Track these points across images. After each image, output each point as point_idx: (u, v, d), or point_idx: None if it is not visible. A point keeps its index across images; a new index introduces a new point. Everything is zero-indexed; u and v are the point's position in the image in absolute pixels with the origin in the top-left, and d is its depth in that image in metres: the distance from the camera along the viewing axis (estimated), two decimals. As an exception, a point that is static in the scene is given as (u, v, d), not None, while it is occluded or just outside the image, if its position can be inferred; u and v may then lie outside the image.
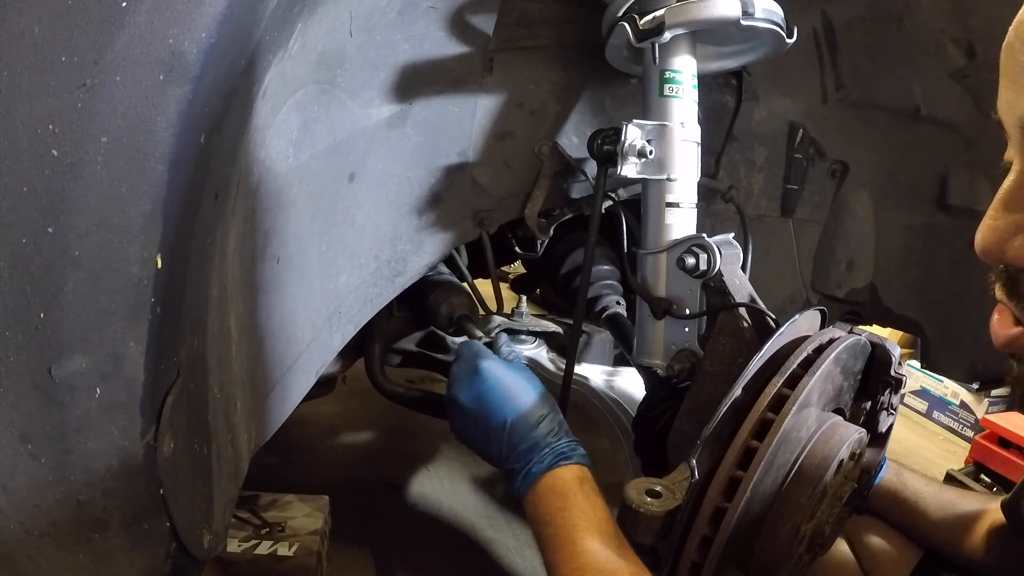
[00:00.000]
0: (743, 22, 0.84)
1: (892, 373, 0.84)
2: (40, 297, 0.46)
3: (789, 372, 0.71)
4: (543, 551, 0.74)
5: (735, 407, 0.70)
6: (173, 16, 0.45)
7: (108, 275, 0.47)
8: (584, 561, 0.68)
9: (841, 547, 1.02)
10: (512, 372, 0.90)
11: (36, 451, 0.49)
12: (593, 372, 1.41)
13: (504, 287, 1.68)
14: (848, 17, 1.17)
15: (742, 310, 0.85)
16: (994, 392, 2.47)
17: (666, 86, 0.90)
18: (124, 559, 0.55)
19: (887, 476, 0.98)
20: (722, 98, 1.28)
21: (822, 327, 0.85)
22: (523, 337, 1.48)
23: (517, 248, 1.24)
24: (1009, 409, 2.46)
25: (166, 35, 0.45)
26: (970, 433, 2.51)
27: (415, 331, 1.41)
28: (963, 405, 2.59)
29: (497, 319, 1.42)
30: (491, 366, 0.90)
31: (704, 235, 0.89)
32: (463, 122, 1.03)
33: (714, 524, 0.66)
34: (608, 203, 1.12)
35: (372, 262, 0.99)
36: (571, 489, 0.76)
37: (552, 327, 1.48)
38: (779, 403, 0.68)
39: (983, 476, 2.14)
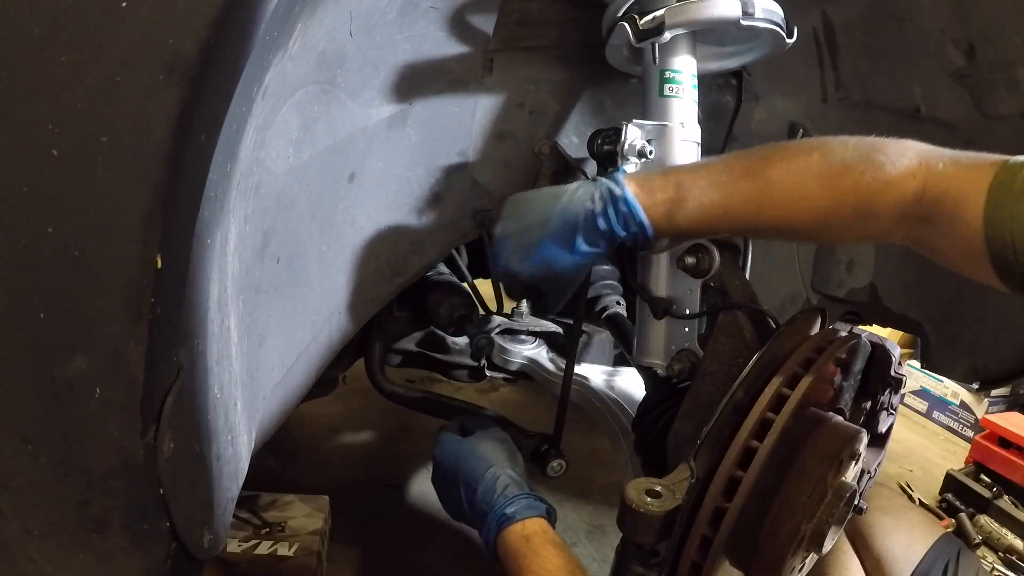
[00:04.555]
0: (743, 22, 0.84)
1: (892, 373, 0.84)
2: (40, 297, 0.46)
3: (789, 372, 0.71)
4: None
5: (735, 407, 0.69)
6: (173, 16, 0.45)
7: (108, 275, 0.47)
8: None
9: (843, 547, 1.02)
10: (455, 452, 0.95)
11: (36, 451, 0.49)
12: (593, 372, 1.41)
13: (504, 287, 1.68)
14: (848, 17, 1.17)
15: (742, 310, 0.85)
16: (994, 392, 2.47)
17: (666, 86, 0.90)
18: (124, 559, 0.55)
19: None
20: (722, 98, 1.28)
21: (822, 327, 0.85)
22: (523, 337, 1.48)
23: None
24: (1009, 409, 2.46)
25: (166, 35, 0.45)
26: (970, 433, 2.51)
27: (415, 331, 1.41)
28: (963, 405, 2.59)
29: (497, 319, 1.42)
30: (438, 454, 0.98)
31: (704, 235, 0.89)
32: (463, 122, 1.03)
33: (714, 524, 0.66)
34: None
35: (372, 262, 0.99)
36: (519, 551, 0.79)
37: (552, 327, 1.48)
38: (779, 403, 0.68)
39: (983, 476, 2.14)
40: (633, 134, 0.88)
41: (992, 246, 0.62)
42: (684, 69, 0.91)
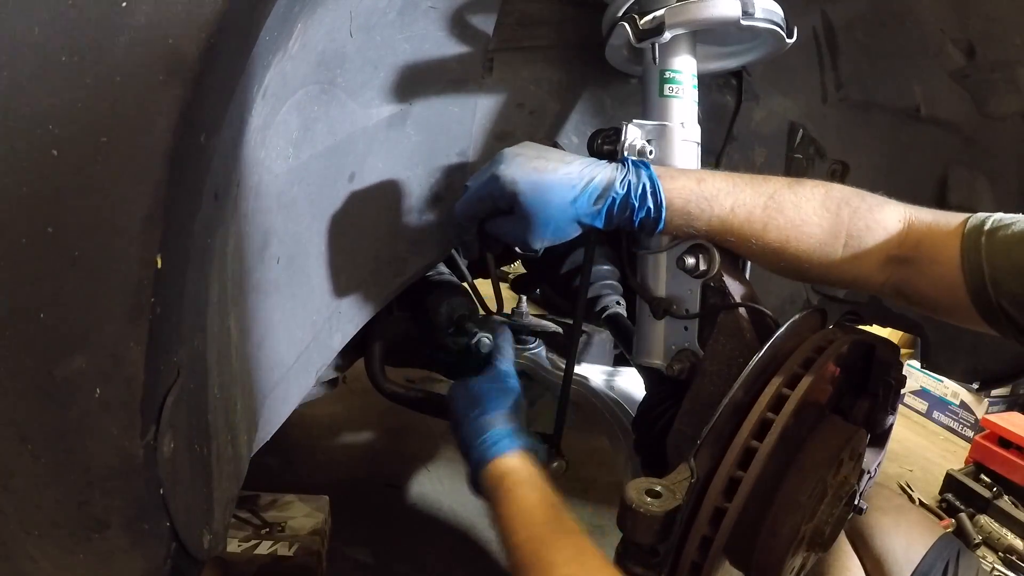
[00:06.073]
0: (743, 22, 0.84)
1: (892, 373, 0.84)
2: (40, 297, 0.46)
3: (789, 372, 0.71)
4: None
5: (735, 407, 0.70)
6: (173, 16, 0.45)
7: (108, 275, 0.47)
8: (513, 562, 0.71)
9: (843, 547, 1.02)
10: (464, 387, 0.92)
11: (36, 451, 0.49)
12: (593, 372, 1.41)
13: (504, 287, 1.69)
14: (848, 17, 1.17)
15: (742, 310, 0.85)
16: (994, 392, 2.47)
17: (666, 86, 0.90)
18: (124, 559, 0.55)
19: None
20: (722, 98, 1.28)
21: (822, 327, 0.85)
22: (523, 337, 1.48)
23: (517, 248, 1.24)
24: (1009, 409, 2.47)
25: (166, 35, 0.45)
26: (970, 433, 2.51)
27: (415, 331, 1.41)
28: (963, 405, 2.59)
29: (497, 319, 1.42)
30: (452, 392, 0.94)
31: (704, 235, 0.89)
32: (463, 122, 1.03)
33: (714, 524, 0.66)
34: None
35: (372, 262, 0.99)
36: (490, 497, 0.78)
37: (552, 327, 1.49)
38: (779, 403, 0.68)
39: (983, 476, 2.14)
40: (633, 134, 0.88)
41: (970, 280, 0.70)
42: (684, 69, 0.91)
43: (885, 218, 0.77)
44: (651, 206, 0.77)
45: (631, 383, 1.36)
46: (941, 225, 0.74)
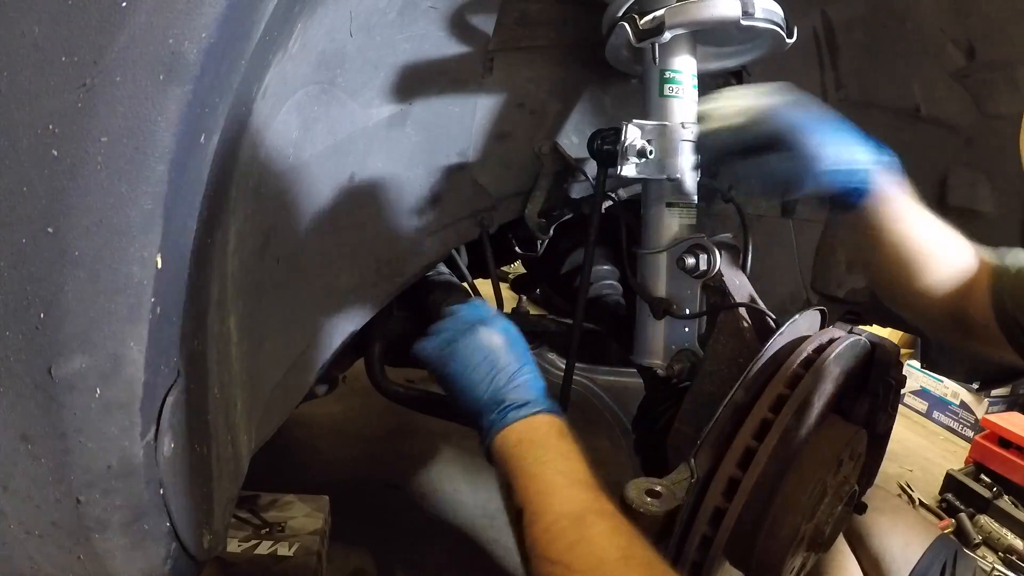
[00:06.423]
0: (743, 22, 0.84)
1: (892, 373, 0.84)
2: (40, 297, 0.46)
3: (789, 372, 0.71)
4: (512, 501, 0.66)
5: (735, 407, 0.70)
6: (173, 16, 0.45)
7: (108, 275, 0.47)
8: (560, 511, 0.61)
9: (841, 547, 1.02)
10: (489, 332, 0.82)
11: (36, 451, 0.49)
12: (593, 372, 1.41)
13: (504, 287, 1.69)
14: (848, 17, 1.17)
15: (742, 310, 0.85)
16: (994, 392, 2.47)
17: (666, 86, 0.90)
18: (124, 559, 0.55)
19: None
20: (722, 98, 1.28)
21: (822, 327, 0.85)
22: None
23: (517, 248, 1.24)
24: (1009, 409, 2.47)
25: (166, 35, 0.45)
26: (970, 433, 2.51)
27: (415, 331, 1.41)
28: (963, 405, 2.59)
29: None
30: (475, 334, 0.83)
31: (704, 235, 0.89)
32: (463, 122, 1.03)
33: (714, 524, 0.66)
34: (608, 203, 1.12)
35: (372, 262, 0.99)
36: (538, 439, 0.70)
37: (552, 327, 1.48)
38: (779, 403, 0.68)
39: (983, 476, 2.14)
40: (633, 134, 0.88)
41: (994, 296, 0.75)
42: (684, 69, 0.91)
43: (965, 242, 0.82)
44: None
45: (631, 383, 1.36)
46: (980, 252, 0.81)
